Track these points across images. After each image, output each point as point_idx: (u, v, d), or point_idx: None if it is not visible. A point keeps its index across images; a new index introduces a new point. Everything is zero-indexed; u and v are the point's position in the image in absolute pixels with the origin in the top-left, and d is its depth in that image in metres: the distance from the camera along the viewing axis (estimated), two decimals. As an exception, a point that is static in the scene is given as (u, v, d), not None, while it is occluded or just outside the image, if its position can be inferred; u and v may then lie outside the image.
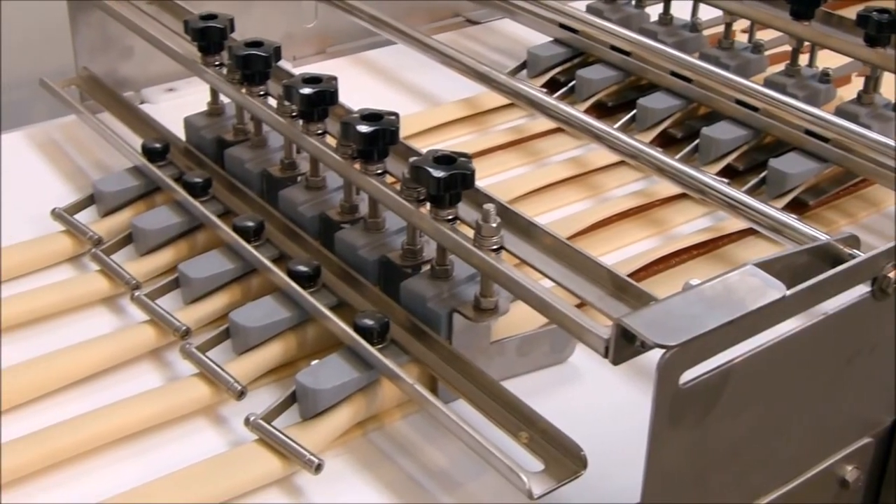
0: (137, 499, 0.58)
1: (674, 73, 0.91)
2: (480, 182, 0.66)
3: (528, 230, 0.65)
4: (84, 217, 0.80)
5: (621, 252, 0.79)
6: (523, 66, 1.01)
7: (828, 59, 0.95)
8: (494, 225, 0.62)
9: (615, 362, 0.54)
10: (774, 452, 0.59)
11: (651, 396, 0.49)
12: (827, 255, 0.59)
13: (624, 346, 0.53)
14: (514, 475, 0.55)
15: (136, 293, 0.71)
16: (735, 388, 0.52)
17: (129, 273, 0.73)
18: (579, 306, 0.60)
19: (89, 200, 0.82)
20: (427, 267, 0.68)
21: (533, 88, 0.88)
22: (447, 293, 0.66)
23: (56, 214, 0.80)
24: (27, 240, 0.79)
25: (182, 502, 0.58)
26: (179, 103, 0.97)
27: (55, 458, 0.61)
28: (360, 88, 1.01)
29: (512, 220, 0.66)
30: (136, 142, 0.84)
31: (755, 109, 0.85)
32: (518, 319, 0.67)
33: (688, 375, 0.49)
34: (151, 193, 0.81)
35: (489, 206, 0.62)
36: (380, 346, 0.64)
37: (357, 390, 0.63)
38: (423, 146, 0.72)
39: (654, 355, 0.49)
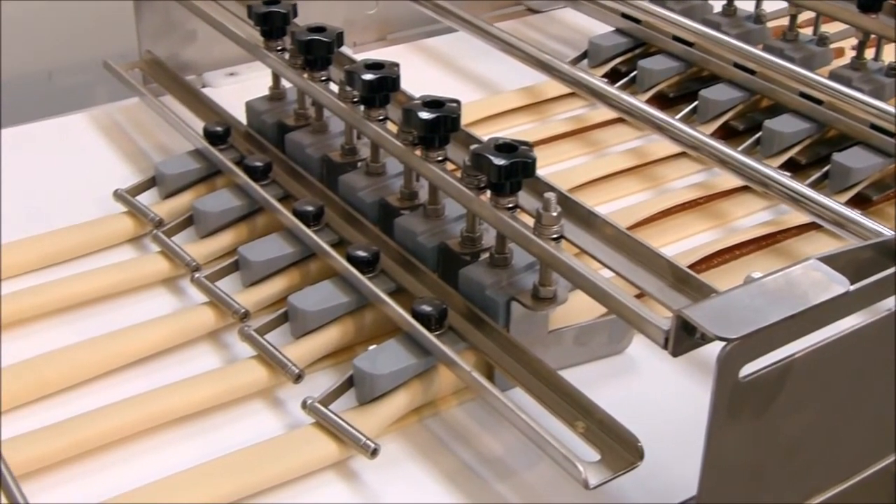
0: (196, 478, 0.58)
1: (737, 65, 0.90)
2: (540, 171, 0.66)
3: (588, 220, 0.65)
4: (145, 199, 0.81)
5: (680, 244, 0.79)
6: (584, 55, 1.01)
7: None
8: (555, 214, 0.62)
9: (675, 354, 0.53)
10: (832, 450, 0.58)
11: (709, 389, 0.48)
12: (891, 251, 0.58)
13: (684, 337, 0.52)
14: (569, 464, 0.55)
15: (196, 275, 0.72)
16: (795, 384, 0.52)
17: (189, 255, 0.74)
18: (638, 297, 0.60)
19: (151, 182, 0.82)
20: (486, 255, 0.67)
21: (594, 78, 0.87)
22: (506, 281, 0.66)
23: (118, 196, 0.81)
24: (90, 220, 0.80)
25: (239, 483, 0.59)
26: (240, 87, 0.98)
27: (116, 436, 0.62)
28: (419, 76, 1.01)
29: (572, 209, 0.65)
30: (198, 125, 0.85)
31: (819, 103, 0.85)
32: (576, 309, 0.67)
33: (748, 369, 0.49)
34: (212, 176, 0.82)
35: (550, 195, 0.62)
36: (437, 332, 0.64)
37: (414, 376, 0.63)
38: (483, 134, 0.72)
39: (713, 348, 0.49)
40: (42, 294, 0.72)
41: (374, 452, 0.60)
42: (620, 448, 0.57)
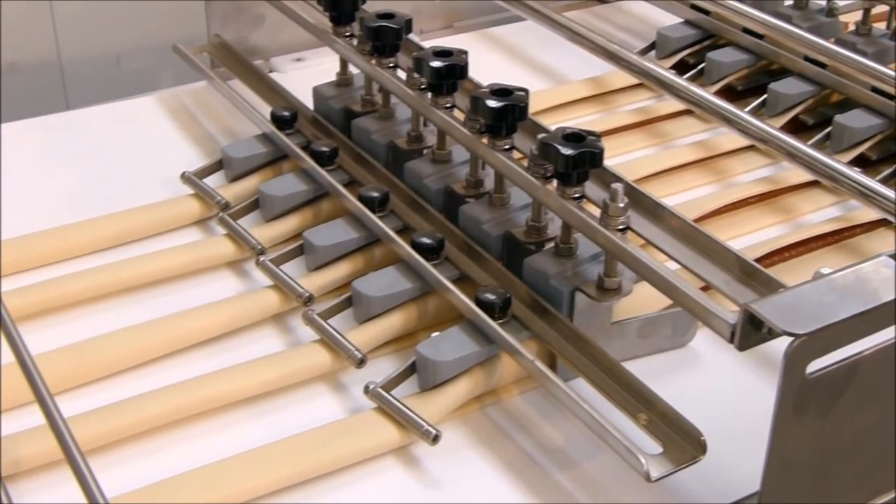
0: (258, 460, 0.59)
1: (807, 59, 0.89)
2: (605, 162, 0.66)
3: (654, 211, 0.65)
4: (212, 181, 0.81)
5: (747, 238, 0.78)
6: (652, 46, 1.00)
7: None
8: (622, 205, 0.62)
9: (741, 348, 0.53)
10: (898, 449, 0.57)
11: (771, 385, 0.48)
12: (964, 250, 0.58)
13: (750, 332, 0.52)
14: (631, 456, 0.55)
15: (262, 258, 0.72)
16: (862, 381, 0.51)
17: (254, 238, 0.75)
18: (704, 290, 0.60)
19: (218, 165, 0.83)
20: (551, 244, 0.67)
21: (663, 69, 0.87)
22: (570, 271, 0.65)
23: (185, 178, 0.81)
24: (157, 202, 0.81)
25: (301, 466, 0.59)
26: (307, 73, 0.98)
27: (181, 416, 0.62)
28: (485, 64, 1.01)
29: (639, 200, 0.65)
30: (265, 109, 0.85)
31: (892, 98, 0.83)
32: (640, 301, 0.67)
33: (815, 366, 0.48)
34: (278, 161, 0.82)
35: (617, 186, 0.62)
36: (501, 321, 0.64)
37: (476, 364, 0.63)
38: (548, 124, 0.72)
39: (779, 343, 0.48)
40: (110, 274, 0.73)
41: (436, 439, 0.60)
42: (683, 441, 0.57)
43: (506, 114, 0.68)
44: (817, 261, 0.76)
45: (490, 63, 1.04)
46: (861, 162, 0.83)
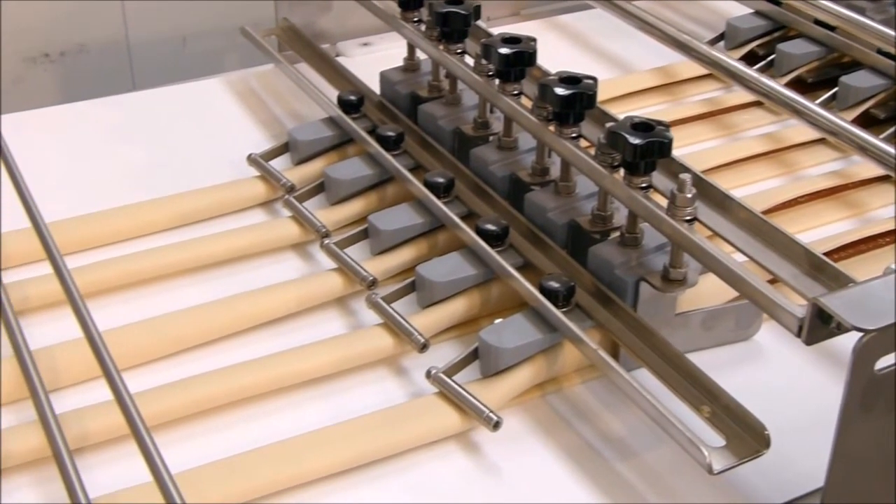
0: (320, 441, 0.59)
1: (880, 52, 0.88)
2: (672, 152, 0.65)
3: (722, 203, 0.64)
4: (278, 164, 0.82)
5: (815, 232, 0.77)
6: (721, 37, 0.99)
7: None
8: (689, 195, 0.61)
9: (808, 342, 0.52)
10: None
11: (837, 381, 0.47)
12: None
13: (818, 326, 0.52)
14: (694, 448, 0.54)
15: (326, 241, 0.73)
16: (932, 379, 0.50)
17: (319, 221, 0.75)
18: (771, 283, 0.59)
19: (284, 148, 0.83)
20: (616, 234, 0.67)
21: (733, 60, 0.86)
22: (635, 261, 0.65)
23: (252, 160, 0.82)
24: (223, 183, 0.81)
25: (362, 448, 0.59)
26: (374, 58, 0.98)
27: (242, 395, 0.63)
28: (552, 52, 1.01)
29: (707, 191, 0.65)
30: (332, 93, 0.86)
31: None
32: (704, 293, 0.66)
33: (883, 362, 0.48)
34: (344, 144, 0.82)
35: (685, 176, 0.62)
36: (564, 309, 0.64)
37: (538, 352, 0.63)
38: (615, 113, 0.71)
39: (845, 339, 0.48)
40: (177, 253, 0.73)
41: (497, 425, 0.60)
42: (746, 435, 0.56)
43: (574, 102, 0.67)
44: (887, 257, 0.75)
45: (557, 51, 1.04)
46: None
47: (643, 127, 0.63)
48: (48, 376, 0.58)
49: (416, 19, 0.84)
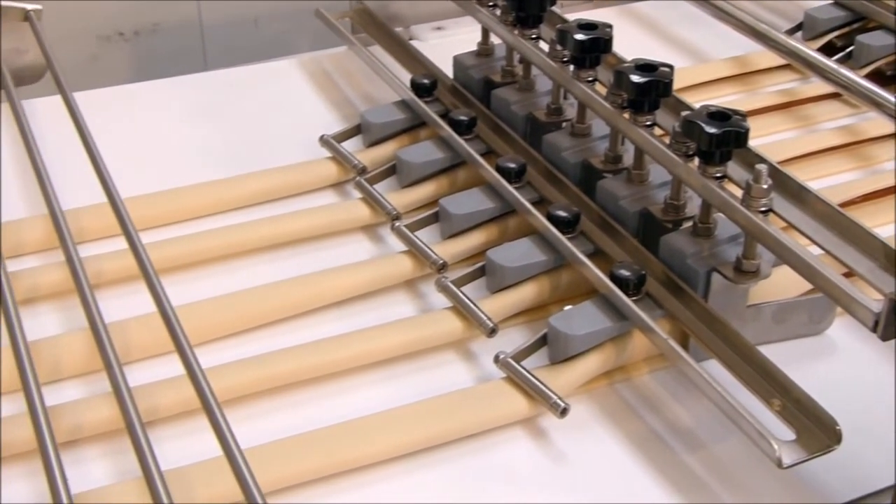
0: (387, 422, 0.60)
1: (963, 45, 0.86)
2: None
3: (798, 194, 0.63)
4: (350, 146, 0.82)
5: (892, 226, 0.76)
6: (799, 27, 0.97)
7: None
8: (765, 186, 0.61)
9: (884, 338, 0.52)
10: None
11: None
12: None
13: (894, 322, 0.51)
14: (763, 441, 0.54)
15: (397, 223, 0.73)
16: None
17: (390, 203, 0.75)
18: (846, 277, 0.58)
19: (356, 130, 0.84)
20: (689, 223, 0.66)
21: (811, 50, 0.85)
22: (707, 251, 0.64)
23: (324, 141, 0.82)
24: (295, 163, 0.82)
25: (429, 430, 0.59)
26: (447, 42, 0.98)
27: (311, 374, 0.63)
28: (626, 39, 1.00)
29: (783, 182, 0.64)
30: (405, 76, 0.86)
31: None
32: (777, 285, 0.65)
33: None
34: (416, 128, 0.83)
35: (761, 167, 0.61)
36: (635, 297, 0.63)
37: (607, 339, 0.63)
38: (690, 102, 0.71)
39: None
40: (249, 231, 0.74)
41: (564, 412, 0.60)
42: (817, 430, 0.55)
43: (649, 90, 0.67)
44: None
45: (631, 38, 1.03)
46: None
47: (719, 116, 0.63)
48: (120, 350, 0.59)
49: (490, 4, 0.83)
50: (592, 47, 0.72)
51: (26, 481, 0.57)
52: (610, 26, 0.73)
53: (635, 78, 0.67)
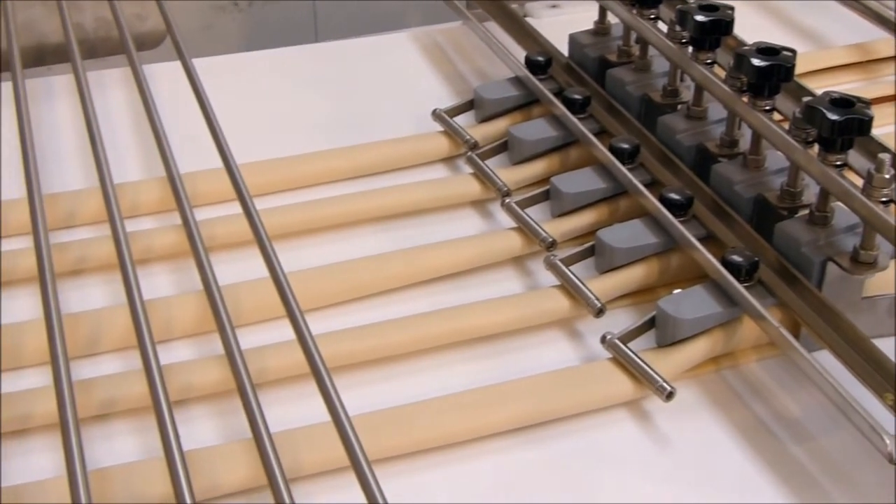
0: (493, 397, 0.60)
1: None
2: (869, 131, 0.63)
3: (921, 186, 0.62)
4: (462, 120, 0.82)
5: None
6: (924, 15, 0.95)
7: None
8: (888, 176, 0.59)
9: None
10: None
11: None
12: None
13: None
14: (875, 435, 0.53)
15: (507, 200, 0.73)
16: None
17: (501, 179, 0.75)
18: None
19: (468, 105, 0.84)
20: (805, 211, 0.65)
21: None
22: (823, 240, 0.63)
23: (436, 115, 0.82)
24: (406, 136, 0.82)
25: (534, 408, 0.59)
26: (562, 20, 0.98)
27: (418, 346, 0.64)
28: (745, 22, 0.98)
29: (906, 173, 0.62)
30: (519, 53, 0.86)
31: None
32: (894, 279, 0.64)
33: None
34: (529, 105, 0.82)
35: (884, 156, 0.60)
36: (746, 284, 0.62)
37: (717, 325, 0.62)
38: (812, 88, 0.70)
39: None
40: (360, 202, 0.74)
41: (670, 396, 0.59)
42: (931, 426, 0.54)
43: (771, 74, 0.66)
44: None
45: (749, 21, 1.01)
46: None
47: (842, 103, 0.61)
48: (232, 313, 0.60)
49: (609, -18, 0.83)
50: (713, 29, 0.71)
51: (136, 437, 0.58)
52: (731, 8, 0.72)
53: (756, 61, 0.66)
